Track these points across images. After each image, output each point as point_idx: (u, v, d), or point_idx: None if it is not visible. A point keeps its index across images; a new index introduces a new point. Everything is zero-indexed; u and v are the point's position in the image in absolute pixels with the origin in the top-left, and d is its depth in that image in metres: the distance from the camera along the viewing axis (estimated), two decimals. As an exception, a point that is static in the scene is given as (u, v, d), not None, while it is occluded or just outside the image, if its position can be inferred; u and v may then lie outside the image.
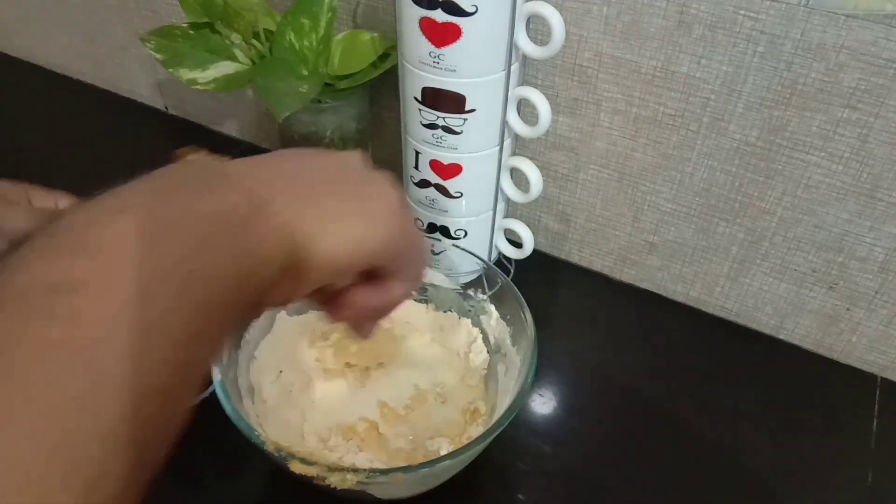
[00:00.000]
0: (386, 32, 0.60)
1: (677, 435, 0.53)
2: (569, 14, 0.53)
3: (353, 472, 0.39)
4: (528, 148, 0.61)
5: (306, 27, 0.56)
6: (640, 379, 0.57)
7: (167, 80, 0.82)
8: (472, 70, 0.48)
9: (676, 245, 0.60)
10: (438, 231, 0.58)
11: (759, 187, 0.54)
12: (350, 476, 0.38)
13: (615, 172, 0.59)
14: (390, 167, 0.76)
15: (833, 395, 0.57)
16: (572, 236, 0.65)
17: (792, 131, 0.50)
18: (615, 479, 0.50)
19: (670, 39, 0.50)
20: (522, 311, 0.48)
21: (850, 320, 0.57)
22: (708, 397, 0.56)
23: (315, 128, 0.58)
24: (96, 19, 0.82)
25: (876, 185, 0.50)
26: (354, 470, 0.39)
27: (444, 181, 0.55)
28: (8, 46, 0.94)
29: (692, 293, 0.63)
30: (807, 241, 0.55)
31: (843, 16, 0.45)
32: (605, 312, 0.63)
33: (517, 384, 0.45)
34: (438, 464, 0.40)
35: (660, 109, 0.54)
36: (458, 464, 0.43)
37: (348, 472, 0.38)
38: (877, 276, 0.53)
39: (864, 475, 0.51)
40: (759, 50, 0.48)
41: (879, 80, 0.46)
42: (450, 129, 0.51)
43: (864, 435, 0.53)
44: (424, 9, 0.46)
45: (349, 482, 0.39)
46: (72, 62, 0.89)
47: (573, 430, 0.54)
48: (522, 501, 0.49)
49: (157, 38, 0.56)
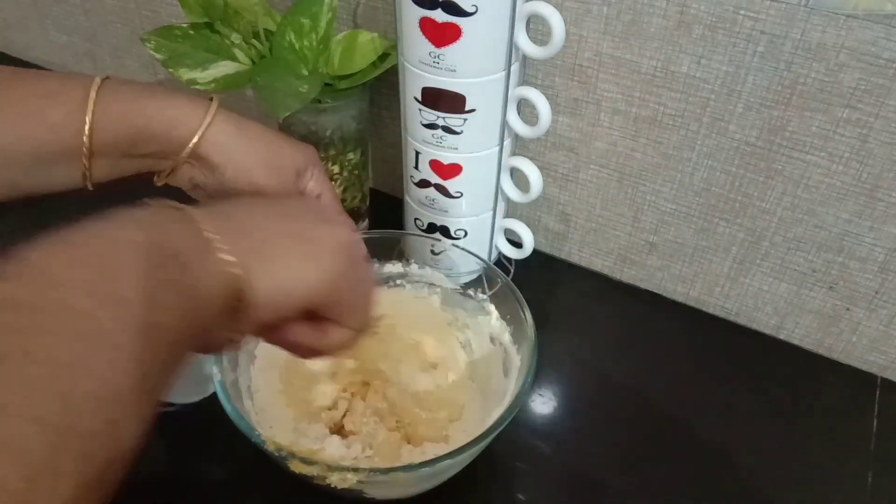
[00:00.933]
0: (386, 32, 0.60)
1: (677, 434, 0.53)
2: (569, 14, 0.53)
3: (353, 471, 0.39)
4: (528, 148, 0.61)
5: (306, 27, 0.56)
6: (640, 379, 0.57)
7: (167, 80, 0.82)
8: (472, 70, 0.48)
9: (676, 245, 0.60)
10: (438, 231, 0.58)
11: (759, 187, 0.54)
12: (350, 475, 0.38)
13: (615, 172, 0.59)
14: (390, 167, 0.76)
15: (833, 395, 0.57)
16: (572, 236, 0.65)
17: (792, 131, 0.50)
18: (615, 479, 0.50)
19: (670, 39, 0.50)
20: (523, 310, 0.48)
21: (850, 320, 0.57)
22: (708, 397, 0.56)
23: (315, 128, 0.58)
24: (96, 19, 0.82)
25: (876, 185, 0.50)
26: (355, 469, 0.39)
27: (444, 181, 0.55)
28: (8, 46, 0.94)
29: (692, 293, 0.63)
30: (807, 241, 0.55)
31: (843, 16, 0.45)
32: (605, 312, 0.63)
33: (517, 384, 0.45)
34: (438, 463, 0.40)
35: (660, 109, 0.54)
36: (458, 463, 0.43)
37: (349, 472, 0.38)
38: (877, 276, 0.53)
39: (864, 475, 0.51)
40: (759, 50, 0.48)
41: (879, 80, 0.46)
42: (450, 129, 0.51)
43: (864, 435, 0.53)
44: (424, 9, 0.46)
45: (350, 481, 0.39)
46: (72, 62, 0.89)
47: (573, 430, 0.54)
48: (522, 501, 0.49)
49: (157, 38, 0.56)
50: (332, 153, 0.60)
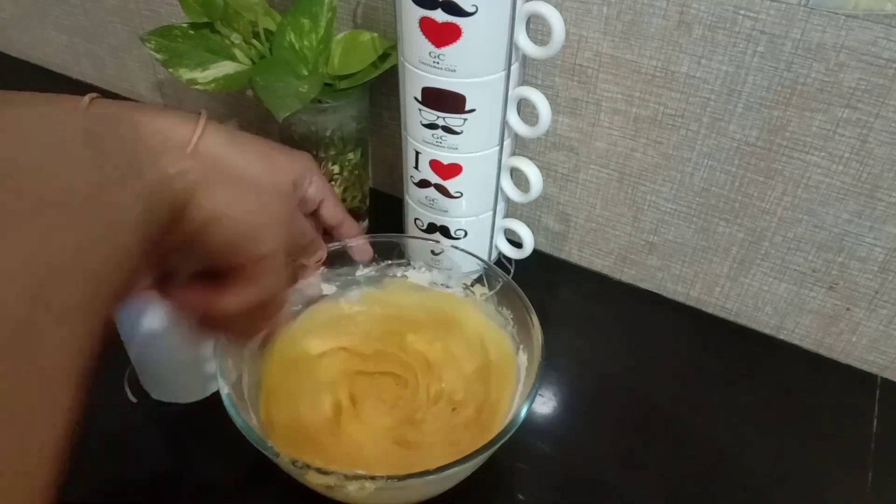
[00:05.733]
0: (386, 32, 0.60)
1: (676, 435, 0.53)
2: (569, 14, 0.53)
3: (370, 479, 0.38)
4: (528, 148, 0.61)
5: (306, 27, 0.56)
6: (640, 379, 0.57)
7: (167, 80, 0.82)
8: (472, 70, 0.48)
9: (676, 245, 0.61)
10: (438, 231, 0.58)
11: (759, 187, 0.54)
12: (368, 483, 0.38)
13: (615, 172, 0.59)
14: (390, 167, 0.76)
15: (833, 395, 0.57)
16: (572, 236, 0.65)
17: (792, 131, 0.50)
18: (615, 479, 0.50)
19: (670, 39, 0.50)
20: (529, 315, 0.47)
21: (850, 320, 0.57)
22: (707, 397, 0.56)
23: (315, 128, 0.58)
24: (96, 19, 0.82)
25: (876, 185, 0.50)
26: (372, 477, 0.38)
27: (444, 181, 0.55)
28: (8, 46, 0.94)
29: (692, 293, 0.63)
30: (807, 241, 0.55)
31: (843, 16, 0.45)
32: (605, 312, 0.63)
33: (526, 385, 0.45)
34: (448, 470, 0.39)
35: (660, 109, 0.54)
36: (471, 467, 0.42)
37: (366, 480, 0.38)
38: (877, 276, 0.53)
39: (864, 475, 0.51)
40: (759, 50, 0.48)
41: (879, 80, 0.46)
42: (450, 129, 0.51)
43: (864, 435, 0.53)
44: (424, 9, 0.46)
45: (367, 489, 0.38)
46: (72, 62, 0.89)
47: (573, 430, 0.54)
48: (522, 501, 0.49)
49: (157, 38, 0.56)
50: (332, 153, 0.60)
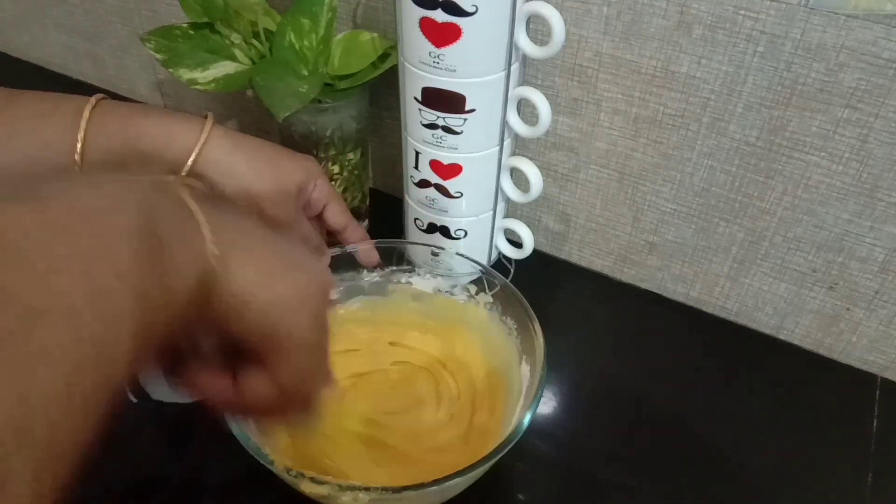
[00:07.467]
0: (386, 32, 0.60)
1: (677, 435, 0.53)
2: (569, 14, 0.53)
3: (364, 490, 0.37)
4: (528, 148, 0.61)
5: (306, 27, 0.56)
6: (640, 379, 0.57)
7: (167, 80, 0.82)
8: (472, 70, 0.48)
9: (676, 245, 0.61)
10: (438, 231, 0.58)
11: (759, 187, 0.54)
12: (362, 494, 0.37)
13: (615, 172, 0.59)
14: (390, 167, 0.76)
15: (833, 395, 0.57)
16: (572, 236, 0.65)
17: (792, 131, 0.50)
18: (615, 479, 0.50)
19: (670, 39, 0.50)
20: (532, 324, 0.47)
21: (850, 320, 0.57)
22: (707, 397, 0.56)
23: (315, 128, 0.58)
24: (96, 19, 0.82)
25: (876, 185, 0.50)
26: (366, 488, 0.38)
27: (444, 181, 0.55)
28: (8, 46, 0.94)
29: (692, 293, 0.63)
30: (807, 241, 0.55)
31: (843, 16, 0.45)
32: (605, 312, 0.63)
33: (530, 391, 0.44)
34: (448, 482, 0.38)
35: (660, 109, 0.54)
36: (470, 478, 0.42)
37: (360, 491, 0.37)
38: (877, 276, 0.53)
39: (864, 475, 0.51)
40: (759, 50, 0.48)
41: (879, 80, 0.46)
42: (450, 129, 0.51)
43: (864, 435, 0.53)
44: (424, 9, 0.46)
45: (361, 501, 0.38)
46: (72, 62, 0.89)
47: (573, 430, 0.54)
48: (522, 501, 0.49)
49: (157, 38, 0.56)
50: (332, 153, 0.60)
